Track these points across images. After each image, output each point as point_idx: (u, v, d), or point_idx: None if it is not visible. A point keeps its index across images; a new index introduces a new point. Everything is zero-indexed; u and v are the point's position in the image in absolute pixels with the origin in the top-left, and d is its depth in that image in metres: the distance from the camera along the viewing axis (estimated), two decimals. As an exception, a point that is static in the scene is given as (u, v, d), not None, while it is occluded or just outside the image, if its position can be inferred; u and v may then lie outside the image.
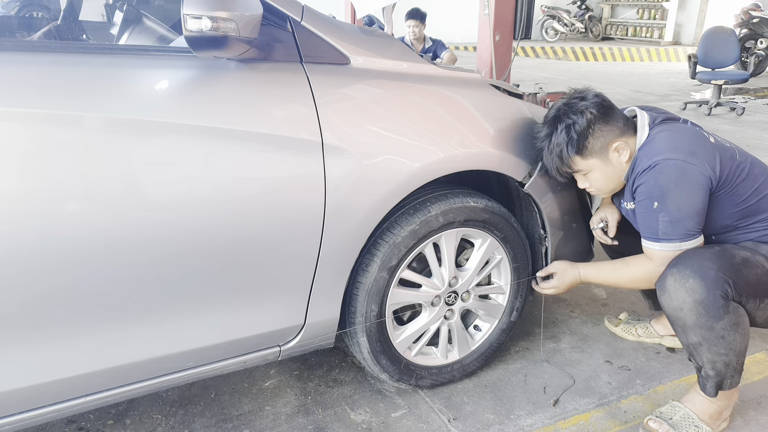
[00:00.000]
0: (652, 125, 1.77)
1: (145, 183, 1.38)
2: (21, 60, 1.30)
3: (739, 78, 6.99)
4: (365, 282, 1.75)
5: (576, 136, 1.75)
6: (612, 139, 1.77)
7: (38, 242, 1.29)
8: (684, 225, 1.64)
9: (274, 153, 1.51)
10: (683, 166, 1.62)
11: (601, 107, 1.76)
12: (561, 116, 1.78)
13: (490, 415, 1.94)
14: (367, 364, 1.91)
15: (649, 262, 1.74)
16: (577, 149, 1.76)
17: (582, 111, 1.75)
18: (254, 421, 1.91)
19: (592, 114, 1.74)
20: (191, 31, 1.29)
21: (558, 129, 1.78)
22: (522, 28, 5.38)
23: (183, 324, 1.52)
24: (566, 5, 15.87)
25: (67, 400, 1.46)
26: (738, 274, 1.62)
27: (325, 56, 1.63)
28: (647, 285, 1.79)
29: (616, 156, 1.78)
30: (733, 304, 1.61)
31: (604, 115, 1.76)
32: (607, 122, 1.76)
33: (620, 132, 1.78)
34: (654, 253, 1.71)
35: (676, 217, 1.63)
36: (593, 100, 1.77)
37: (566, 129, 1.76)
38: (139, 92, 1.40)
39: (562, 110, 1.79)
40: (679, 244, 1.66)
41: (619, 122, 1.78)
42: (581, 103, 1.76)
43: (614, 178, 1.83)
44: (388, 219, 1.75)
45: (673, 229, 1.65)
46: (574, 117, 1.75)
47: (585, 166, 1.81)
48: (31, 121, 1.26)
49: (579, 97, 1.79)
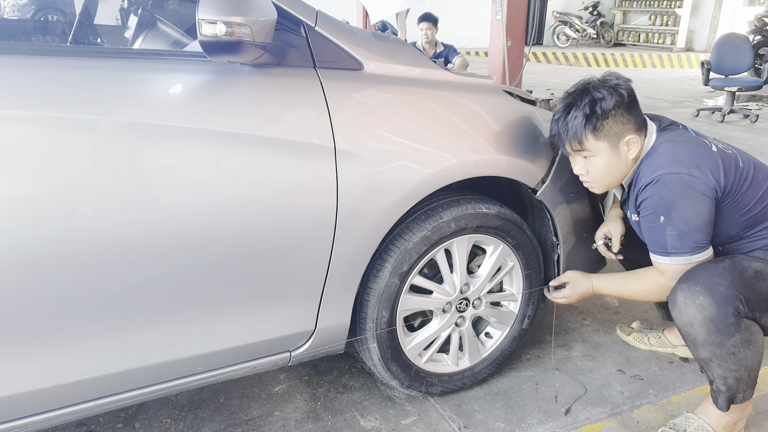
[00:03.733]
0: (658, 133, 1.75)
1: (158, 187, 1.38)
2: (36, 63, 1.31)
3: (753, 85, 6.94)
4: (376, 288, 1.74)
5: (599, 112, 1.69)
6: (628, 130, 1.72)
7: (51, 245, 1.29)
8: (692, 238, 1.62)
9: (286, 158, 1.51)
10: (687, 179, 1.60)
11: (630, 95, 1.72)
12: (591, 89, 1.72)
13: (500, 423, 1.92)
14: (377, 371, 1.90)
15: (660, 276, 1.71)
16: (595, 126, 1.70)
17: (614, 89, 1.70)
18: (263, 426, 1.90)
19: (621, 97, 1.69)
20: (206, 36, 1.29)
21: (584, 100, 1.71)
22: (534, 33, 5.37)
23: (194, 328, 1.52)
24: (578, 11, 15.83)
25: (77, 403, 1.46)
26: (750, 290, 1.59)
27: (339, 62, 1.63)
28: (659, 298, 1.76)
29: (626, 150, 1.73)
30: (745, 321, 1.58)
31: (630, 104, 1.72)
32: (629, 111, 1.71)
33: (636, 127, 1.73)
34: (664, 267, 1.69)
35: (684, 230, 1.61)
36: (626, 85, 1.72)
37: (592, 102, 1.70)
38: (153, 96, 1.40)
39: (594, 84, 1.73)
40: (689, 258, 1.63)
41: (638, 117, 1.74)
42: (615, 82, 1.71)
43: (615, 171, 1.78)
44: (400, 225, 1.74)
45: (681, 243, 1.62)
46: (605, 93, 1.69)
47: (593, 147, 1.74)
48: (46, 125, 1.27)
49: (614, 77, 1.73)
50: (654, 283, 1.73)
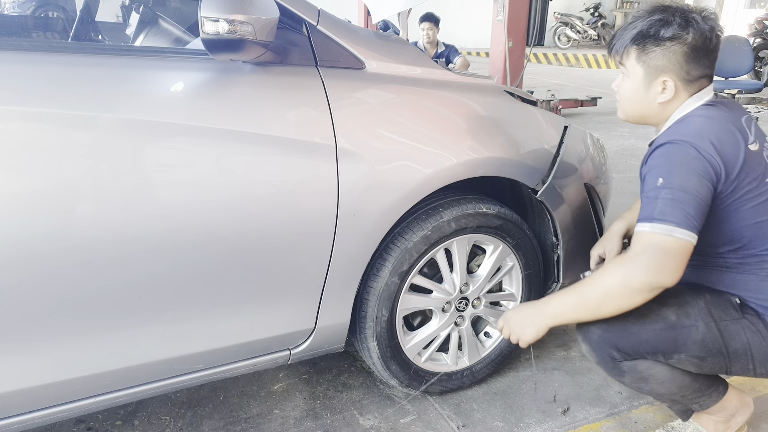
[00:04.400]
0: (703, 107, 1.51)
1: (158, 184, 1.38)
2: (38, 60, 1.31)
3: (753, 88, 6.95)
4: (376, 287, 1.74)
5: (653, 33, 1.48)
6: (671, 71, 1.49)
7: (50, 242, 1.29)
8: (684, 208, 1.38)
9: (288, 156, 1.51)
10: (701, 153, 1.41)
11: (702, 41, 1.45)
12: (670, 10, 1.48)
13: (499, 422, 1.92)
14: (376, 369, 1.91)
15: (626, 254, 1.44)
16: (642, 45, 1.50)
17: (686, 25, 1.45)
18: (263, 424, 1.90)
19: (685, 36, 1.45)
20: (208, 34, 1.30)
21: (656, 16, 1.49)
22: (535, 34, 5.37)
23: (194, 326, 1.52)
24: (579, 12, 15.85)
25: (77, 399, 1.46)
26: (625, 336, 1.52)
27: (341, 60, 1.63)
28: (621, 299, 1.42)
29: (658, 90, 1.51)
30: (626, 364, 1.54)
31: (695, 50, 1.46)
32: (687, 58, 1.47)
33: (685, 76, 1.49)
34: (641, 236, 1.41)
35: (679, 197, 1.38)
36: (700, 31, 1.45)
37: (657, 22, 1.48)
38: (155, 94, 1.41)
39: (679, 8, 1.48)
40: (673, 229, 1.36)
41: (696, 70, 1.48)
42: (694, 17, 1.46)
43: (638, 104, 1.57)
44: (400, 224, 1.74)
45: (672, 209, 1.38)
46: (677, 20, 1.45)
47: (631, 67, 1.54)
48: (48, 122, 1.27)
49: (702, 13, 1.47)
50: (617, 266, 1.43)
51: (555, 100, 6.60)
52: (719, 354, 1.52)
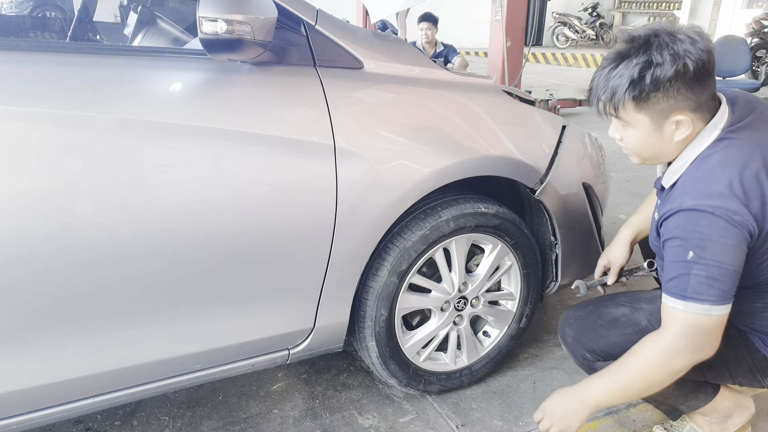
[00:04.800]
0: (724, 131, 1.35)
1: (157, 184, 1.38)
2: (35, 60, 1.31)
3: (750, 87, 6.94)
4: (375, 286, 1.74)
5: (648, 80, 1.28)
6: (681, 108, 1.31)
7: (48, 241, 1.29)
8: (722, 285, 1.26)
9: (286, 156, 1.51)
10: (734, 218, 1.25)
11: (700, 67, 1.27)
12: (653, 46, 1.29)
13: (498, 421, 1.92)
14: (375, 369, 1.91)
15: (662, 336, 1.33)
16: (639, 96, 1.31)
17: (679, 57, 1.26)
18: (262, 424, 1.90)
19: (685, 69, 1.26)
20: (206, 34, 1.30)
21: (637, 58, 1.30)
22: (533, 34, 5.39)
23: (192, 326, 1.52)
24: (577, 12, 15.86)
25: (75, 400, 1.46)
26: (597, 338, 1.56)
27: (339, 60, 1.63)
28: (669, 374, 1.33)
29: (672, 129, 1.34)
30: (600, 364, 1.54)
31: (697, 79, 1.28)
32: (691, 88, 1.29)
33: (696, 105, 1.32)
34: (674, 314, 1.30)
35: (715, 274, 1.25)
36: (697, 54, 1.26)
37: (645, 65, 1.28)
38: (153, 93, 1.41)
39: (661, 39, 1.28)
40: (710, 308, 1.26)
41: (703, 95, 1.31)
42: (685, 47, 1.26)
43: (654, 149, 1.40)
44: (399, 224, 1.74)
45: (707, 288, 1.25)
46: (666, 58, 1.26)
47: (631, 118, 1.36)
48: (46, 121, 1.27)
49: (690, 34, 1.28)
50: (656, 350, 1.32)
51: (553, 100, 6.60)
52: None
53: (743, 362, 1.52)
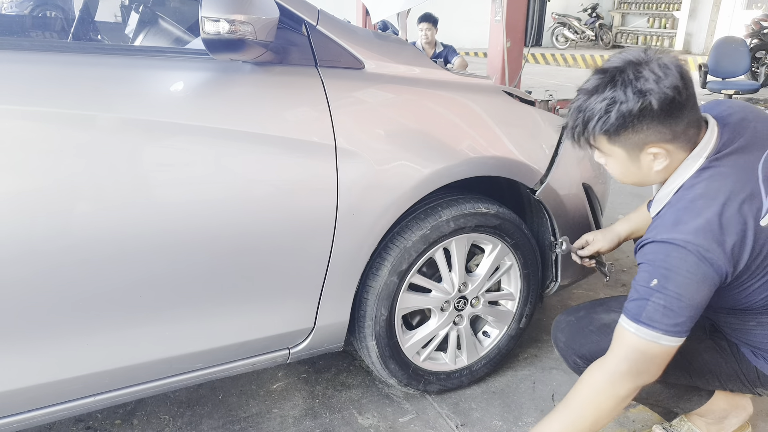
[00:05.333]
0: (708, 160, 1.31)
1: (159, 184, 1.39)
2: (38, 60, 1.31)
3: (750, 88, 6.96)
4: (375, 286, 1.75)
5: (615, 117, 1.27)
6: (656, 141, 1.29)
7: (51, 241, 1.29)
8: (676, 317, 1.26)
9: (287, 156, 1.51)
10: (704, 255, 1.24)
11: (669, 103, 1.23)
12: (618, 84, 1.26)
13: (498, 421, 1.93)
14: (375, 369, 1.91)
15: (608, 359, 1.32)
16: (607, 130, 1.30)
17: (644, 94, 1.23)
18: (261, 423, 1.91)
19: (650, 106, 1.23)
20: (209, 34, 1.30)
21: (604, 93, 1.28)
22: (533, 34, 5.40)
23: (193, 325, 1.53)
24: (577, 13, 15.87)
25: (76, 399, 1.47)
26: (588, 344, 1.57)
27: (340, 60, 1.64)
28: (612, 400, 1.31)
29: (649, 160, 1.33)
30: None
31: (667, 113, 1.25)
32: (663, 122, 1.26)
33: (672, 137, 1.29)
34: (624, 335, 1.30)
35: (673, 305, 1.26)
36: (665, 88, 1.22)
37: (611, 102, 1.27)
38: (155, 93, 1.41)
39: (626, 77, 1.25)
40: (660, 336, 1.26)
41: (679, 125, 1.28)
42: (650, 84, 1.23)
43: (636, 176, 1.40)
44: (399, 223, 1.75)
45: (662, 317, 1.26)
46: (630, 95, 1.24)
47: (607, 150, 1.36)
48: (48, 121, 1.28)
49: (658, 72, 1.23)
50: (602, 373, 1.32)
51: (553, 101, 6.60)
52: (681, 369, 1.53)
53: (733, 372, 1.53)
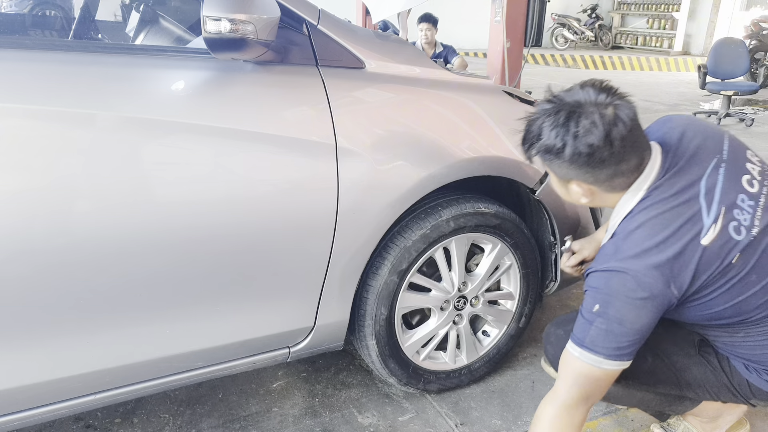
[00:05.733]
0: (651, 187, 1.30)
1: (160, 183, 1.39)
2: (40, 58, 1.32)
3: (749, 89, 6.97)
4: (375, 285, 1.75)
5: (536, 149, 1.30)
6: (577, 180, 1.31)
7: (52, 239, 1.30)
8: (618, 342, 1.27)
9: (288, 155, 1.52)
10: (643, 282, 1.24)
11: (583, 157, 1.23)
12: (546, 123, 1.27)
13: (497, 420, 1.93)
14: (375, 368, 1.92)
15: (557, 391, 1.33)
16: (533, 156, 1.34)
17: (562, 140, 1.24)
18: (261, 422, 1.91)
19: (563, 153, 1.24)
20: (210, 33, 1.30)
21: (540, 121, 1.28)
22: (533, 35, 5.39)
23: (194, 324, 1.53)
24: (576, 13, 15.86)
25: (76, 397, 1.47)
26: None
27: (341, 60, 1.64)
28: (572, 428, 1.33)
29: (576, 191, 1.35)
30: None
31: (583, 164, 1.25)
32: (580, 168, 1.27)
33: (594, 181, 1.30)
34: (570, 360, 1.32)
35: (615, 329, 1.26)
36: (583, 145, 1.21)
37: (537, 133, 1.29)
38: (157, 92, 1.42)
39: (557, 120, 1.25)
40: (602, 360, 1.27)
41: (600, 175, 1.28)
42: (569, 137, 1.23)
43: (569, 200, 1.42)
44: (400, 223, 1.75)
45: (604, 341, 1.27)
46: (552, 137, 1.25)
47: (544, 167, 1.37)
48: (51, 119, 1.28)
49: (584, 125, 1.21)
50: (556, 408, 1.32)
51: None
52: (671, 383, 1.54)
53: (723, 385, 1.51)
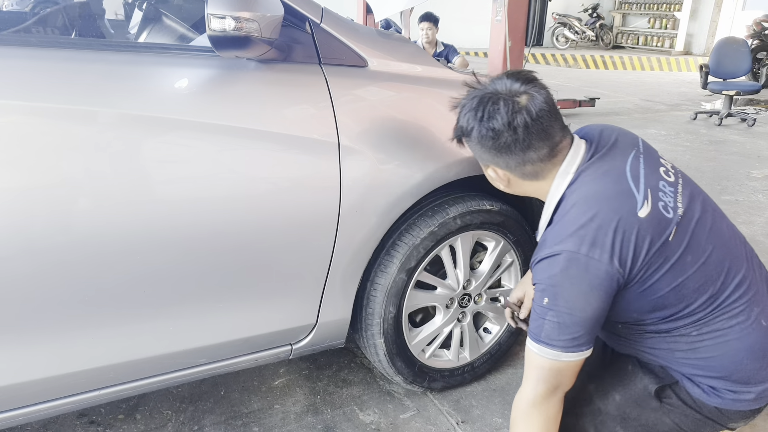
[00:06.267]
0: (578, 170, 1.31)
1: (163, 181, 1.40)
2: (45, 56, 1.32)
3: (751, 89, 6.97)
4: (384, 283, 1.75)
5: (455, 128, 1.37)
6: (489, 163, 1.36)
7: (56, 236, 1.30)
8: (572, 332, 1.25)
9: (291, 153, 1.52)
10: (584, 262, 1.22)
11: (489, 140, 1.28)
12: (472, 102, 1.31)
13: (498, 418, 1.94)
14: (382, 367, 1.92)
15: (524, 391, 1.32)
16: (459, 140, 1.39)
17: (469, 123, 1.31)
18: (264, 419, 1.92)
19: (471, 135, 1.31)
20: (215, 31, 1.31)
21: (463, 104, 1.34)
22: (534, 34, 5.39)
23: (198, 320, 1.54)
24: (577, 13, 15.86)
25: (80, 393, 1.48)
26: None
27: (344, 58, 1.65)
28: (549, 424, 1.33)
29: (492, 175, 1.39)
30: None
31: (490, 147, 1.30)
32: (489, 152, 1.31)
33: (505, 167, 1.34)
34: (531, 356, 1.31)
35: (566, 321, 1.24)
36: (486, 128, 1.28)
37: (458, 112, 1.35)
38: (161, 90, 1.42)
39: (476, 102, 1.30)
40: (559, 354, 1.26)
41: (511, 160, 1.31)
42: (475, 121, 1.29)
43: (496, 186, 1.44)
44: (407, 221, 1.76)
45: (558, 334, 1.25)
46: (467, 117, 1.31)
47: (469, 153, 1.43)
48: (55, 117, 1.28)
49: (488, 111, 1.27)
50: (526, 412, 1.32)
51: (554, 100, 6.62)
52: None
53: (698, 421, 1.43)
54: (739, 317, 1.32)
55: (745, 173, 4.92)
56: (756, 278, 1.37)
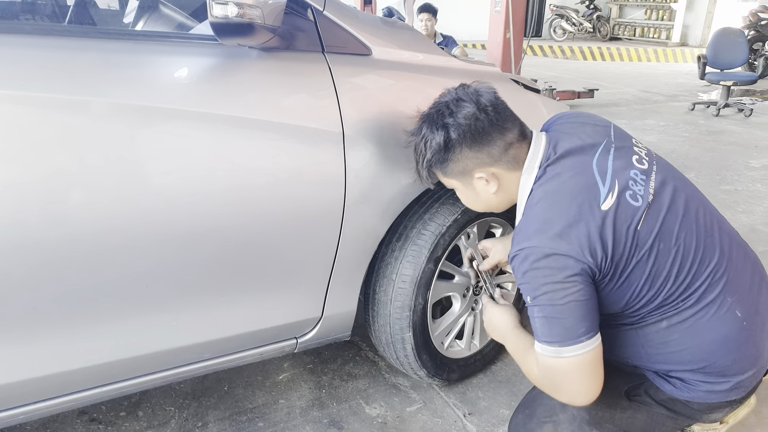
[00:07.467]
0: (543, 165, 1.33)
1: (166, 173, 1.36)
2: (41, 44, 1.28)
3: (748, 79, 6.97)
4: (413, 275, 1.72)
5: (430, 153, 1.37)
6: (476, 166, 1.36)
7: (57, 230, 1.26)
8: (562, 324, 1.22)
9: (294, 143, 1.49)
10: (552, 255, 1.22)
11: (469, 131, 1.32)
12: (429, 122, 1.38)
13: (505, 410, 1.92)
14: (408, 361, 1.86)
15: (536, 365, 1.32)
16: (432, 166, 1.40)
17: (444, 127, 1.34)
18: (268, 414, 1.89)
19: (450, 136, 1.33)
20: (217, 18, 1.27)
21: (420, 133, 1.40)
22: (533, 26, 5.38)
23: (201, 315, 1.51)
24: (575, 5, 15.83)
25: (80, 390, 1.45)
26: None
27: (347, 47, 1.62)
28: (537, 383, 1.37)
29: (482, 185, 1.38)
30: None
31: (472, 139, 1.32)
32: (472, 148, 1.33)
33: (491, 160, 1.35)
34: (541, 360, 1.28)
35: (551, 313, 1.23)
36: (462, 117, 1.32)
37: (426, 143, 1.38)
38: (161, 80, 1.38)
39: (432, 116, 1.38)
40: (559, 350, 1.22)
41: (493, 148, 1.33)
42: (448, 119, 1.34)
43: (481, 203, 1.46)
44: (429, 209, 1.74)
45: (550, 329, 1.24)
46: (435, 131, 1.35)
47: (446, 182, 1.45)
48: (51, 107, 1.24)
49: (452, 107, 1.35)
50: (531, 368, 1.34)
51: (555, 90, 6.61)
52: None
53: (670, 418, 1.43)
54: (711, 307, 1.30)
55: (743, 163, 4.91)
56: (734, 267, 1.34)
